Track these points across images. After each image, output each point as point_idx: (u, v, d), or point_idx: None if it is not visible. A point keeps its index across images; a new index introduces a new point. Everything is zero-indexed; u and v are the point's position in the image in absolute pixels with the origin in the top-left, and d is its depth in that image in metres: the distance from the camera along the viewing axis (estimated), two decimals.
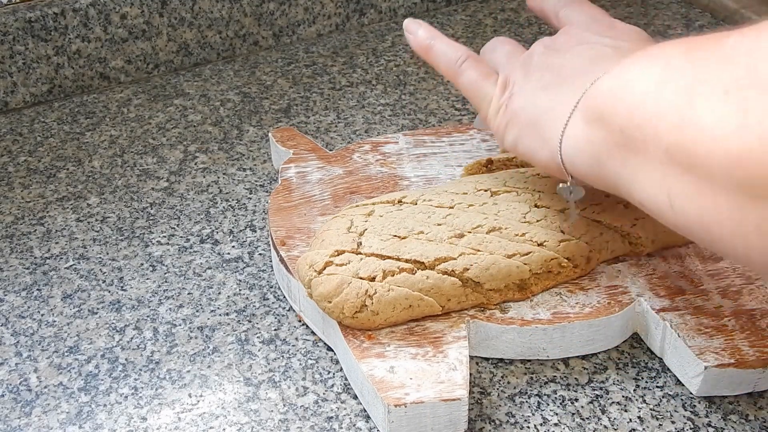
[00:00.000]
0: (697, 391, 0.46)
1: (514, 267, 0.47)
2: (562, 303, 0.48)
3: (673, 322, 0.47)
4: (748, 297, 0.48)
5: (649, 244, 0.50)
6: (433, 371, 0.44)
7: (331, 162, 0.59)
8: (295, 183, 0.57)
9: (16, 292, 0.54)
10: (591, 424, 0.45)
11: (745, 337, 0.46)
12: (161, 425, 0.46)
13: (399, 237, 0.48)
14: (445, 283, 0.46)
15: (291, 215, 0.54)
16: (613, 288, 0.49)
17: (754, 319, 0.47)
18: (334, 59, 0.80)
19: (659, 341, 0.48)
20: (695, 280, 0.50)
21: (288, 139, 0.62)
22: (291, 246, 0.52)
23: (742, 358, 0.45)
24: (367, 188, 0.57)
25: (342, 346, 0.47)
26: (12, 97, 0.73)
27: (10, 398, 0.47)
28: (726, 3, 0.85)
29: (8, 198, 0.63)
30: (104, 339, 0.51)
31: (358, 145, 0.61)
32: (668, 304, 0.48)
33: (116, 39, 0.74)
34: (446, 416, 0.43)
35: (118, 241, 0.58)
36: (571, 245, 0.49)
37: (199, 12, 0.76)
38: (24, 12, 0.70)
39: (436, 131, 0.62)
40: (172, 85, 0.76)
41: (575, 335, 0.47)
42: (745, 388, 0.46)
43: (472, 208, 0.50)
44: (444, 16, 0.87)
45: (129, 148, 0.68)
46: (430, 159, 0.60)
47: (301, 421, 0.46)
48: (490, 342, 0.48)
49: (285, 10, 0.80)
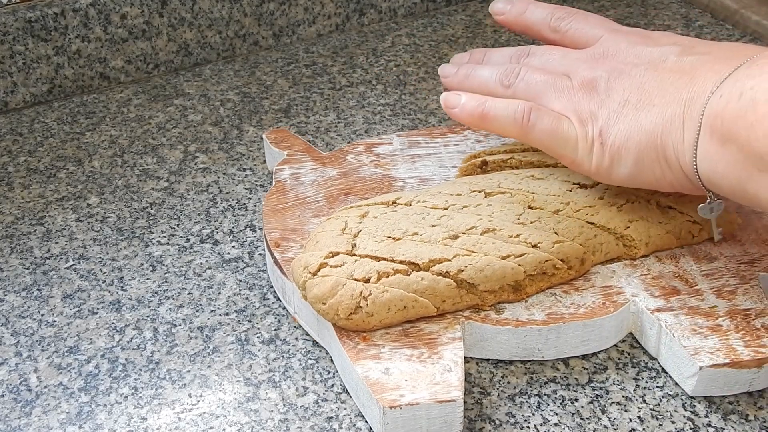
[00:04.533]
0: (693, 392, 0.46)
1: (509, 268, 0.47)
2: (556, 304, 0.48)
3: (667, 323, 0.47)
4: (743, 297, 0.48)
5: (643, 246, 0.50)
6: (428, 373, 0.44)
7: (325, 163, 0.59)
8: (289, 184, 0.57)
9: (16, 292, 0.54)
10: (591, 424, 0.45)
11: (739, 337, 0.46)
12: (161, 425, 0.46)
13: (393, 238, 0.48)
14: (440, 285, 0.46)
15: (285, 217, 0.54)
16: (607, 288, 0.49)
17: (749, 318, 0.47)
18: (334, 59, 0.80)
19: (654, 341, 0.48)
20: (690, 280, 0.50)
21: (282, 141, 0.62)
22: (285, 248, 0.52)
23: (737, 358, 0.45)
24: (362, 189, 0.57)
25: (337, 347, 0.47)
26: (12, 97, 0.73)
27: (10, 398, 0.47)
28: (726, 3, 0.85)
29: (8, 198, 0.63)
30: (104, 339, 0.51)
31: (352, 146, 0.61)
32: (663, 304, 0.48)
33: (116, 39, 0.74)
34: (441, 417, 0.43)
35: (118, 241, 0.58)
36: (565, 247, 0.49)
37: (199, 12, 0.76)
38: (24, 12, 0.70)
39: (430, 132, 0.62)
40: (172, 85, 0.76)
41: (570, 336, 0.47)
42: (741, 388, 0.46)
43: (466, 210, 0.50)
44: (444, 16, 0.87)
45: (129, 148, 0.68)
46: (424, 160, 0.60)
47: (301, 421, 0.46)
48: (485, 343, 0.48)
49: (285, 10, 0.80)
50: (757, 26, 0.82)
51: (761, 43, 0.81)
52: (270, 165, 0.64)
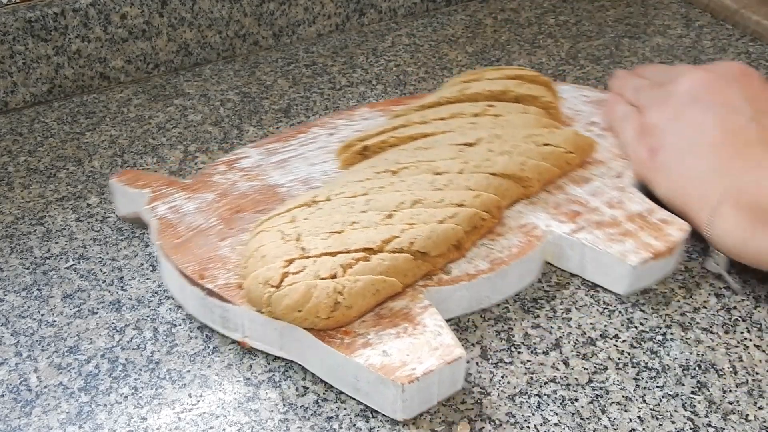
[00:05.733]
0: (625, 291, 0.52)
1: (450, 230, 0.50)
2: (491, 251, 0.52)
3: (587, 240, 0.53)
4: (630, 203, 0.55)
5: (537, 184, 0.56)
6: (423, 342, 0.45)
7: (195, 190, 0.57)
8: (174, 218, 0.54)
9: (16, 292, 0.54)
10: (591, 424, 0.45)
11: (647, 234, 0.53)
12: (161, 425, 0.46)
13: (336, 232, 0.49)
14: (400, 261, 0.48)
15: (191, 249, 0.52)
16: (523, 227, 0.54)
17: (645, 218, 0.54)
18: (334, 59, 0.80)
19: (577, 261, 0.54)
20: (583, 202, 0.56)
21: (136, 180, 0.58)
22: (213, 277, 0.50)
23: (655, 250, 0.52)
24: (250, 204, 0.56)
25: (320, 351, 0.46)
26: (12, 97, 0.73)
27: (10, 398, 0.47)
28: (726, 3, 0.85)
29: (8, 198, 0.63)
30: (104, 339, 0.51)
31: (212, 168, 0.59)
32: (574, 226, 0.54)
33: (116, 39, 0.74)
34: (449, 378, 0.45)
35: (118, 241, 0.58)
36: (484, 199, 0.52)
37: (199, 12, 0.76)
38: (24, 12, 0.70)
39: (280, 137, 0.63)
40: (172, 85, 0.76)
41: (511, 276, 0.52)
42: (659, 275, 0.54)
43: (384, 190, 0.52)
44: (444, 16, 0.87)
45: (129, 148, 0.68)
46: (292, 162, 0.60)
47: (301, 421, 0.46)
48: (443, 305, 0.50)
49: (285, 10, 0.80)
50: (757, 26, 0.82)
51: (761, 43, 0.81)
52: (123, 210, 0.59)
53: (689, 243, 0.57)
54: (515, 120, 0.59)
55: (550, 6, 0.90)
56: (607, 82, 0.71)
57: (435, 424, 0.45)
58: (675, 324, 0.51)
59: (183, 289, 0.51)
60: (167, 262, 0.51)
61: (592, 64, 0.78)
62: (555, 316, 0.52)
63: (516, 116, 0.59)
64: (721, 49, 0.80)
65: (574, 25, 0.85)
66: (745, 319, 0.51)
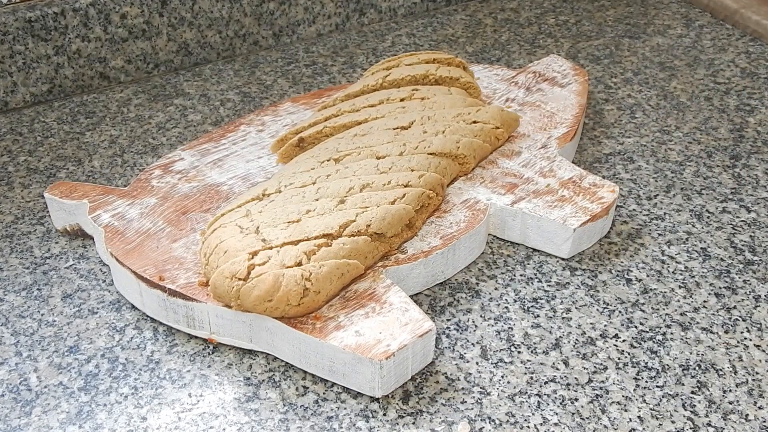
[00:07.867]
0: (568, 253, 0.55)
1: (402, 210, 0.51)
2: (440, 228, 0.54)
3: (528, 209, 0.55)
4: (560, 171, 0.58)
5: (472, 160, 0.58)
6: (393, 319, 0.47)
7: (135, 196, 0.57)
8: (120, 225, 0.54)
9: (16, 292, 0.54)
10: (591, 424, 0.45)
11: (582, 198, 0.56)
12: (161, 425, 0.46)
13: (294, 222, 0.49)
14: (359, 243, 0.49)
15: (144, 253, 0.52)
16: (466, 203, 0.56)
17: (577, 183, 0.57)
18: (334, 59, 0.80)
19: (519, 230, 0.56)
20: (517, 174, 0.58)
21: (72, 192, 0.57)
22: (173, 277, 0.50)
23: (593, 213, 0.55)
24: (195, 204, 0.56)
25: (291, 339, 0.47)
26: (12, 97, 0.73)
27: (10, 398, 0.47)
28: (726, 3, 0.85)
29: (8, 198, 0.63)
30: (104, 339, 0.51)
31: (147, 173, 0.59)
32: (513, 198, 0.56)
33: (116, 39, 0.74)
34: (421, 352, 0.47)
35: None
36: (428, 177, 0.54)
37: (199, 12, 0.76)
38: (24, 12, 0.70)
39: (210, 138, 0.63)
40: (172, 85, 0.76)
41: (462, 250, 0.54)
42: (597, 236, 0.56)
43: (332, 178, 0.53)
44: (444, 16, 0.87)
45: (129, 148, 0.68)
46: (227, 161, 0.61)
47: (301, 421, 0.46)
48: (402, 283, 0.52)
49: (285, 10, 0.80)
50: (757, 26, 0.82)
51: (761, 43, 0.81)
52: (61, 222, 0.58)
53: (690, 243, 0.57)
54: (443, 101, 0.61)
55: (550, 6, 0.90)
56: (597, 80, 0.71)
57: (435, 424, 0.45)
58: (675, 324, 0.51)
59: (141, 294, 0.51)
60: (121, 268, 0.51)
61: (592, 64, 0.78)
62: (555, 316, 0.52)
63: (442, 97, 0.61)
64: (720, 49, 0.81)
65: (574, 25, 0.85)
66: (745, 319, 0.52)
